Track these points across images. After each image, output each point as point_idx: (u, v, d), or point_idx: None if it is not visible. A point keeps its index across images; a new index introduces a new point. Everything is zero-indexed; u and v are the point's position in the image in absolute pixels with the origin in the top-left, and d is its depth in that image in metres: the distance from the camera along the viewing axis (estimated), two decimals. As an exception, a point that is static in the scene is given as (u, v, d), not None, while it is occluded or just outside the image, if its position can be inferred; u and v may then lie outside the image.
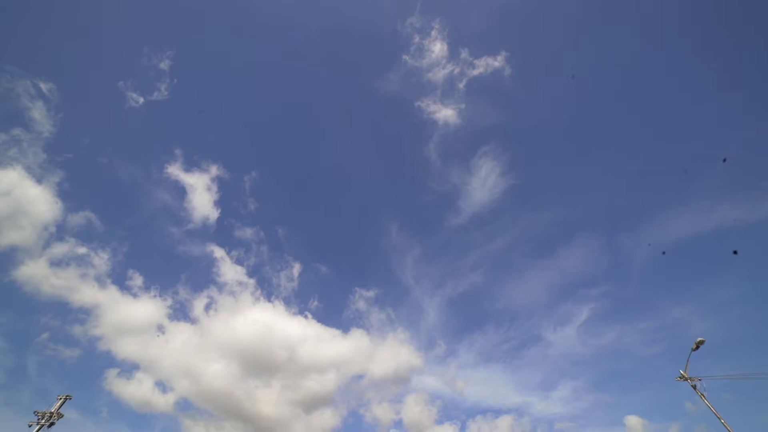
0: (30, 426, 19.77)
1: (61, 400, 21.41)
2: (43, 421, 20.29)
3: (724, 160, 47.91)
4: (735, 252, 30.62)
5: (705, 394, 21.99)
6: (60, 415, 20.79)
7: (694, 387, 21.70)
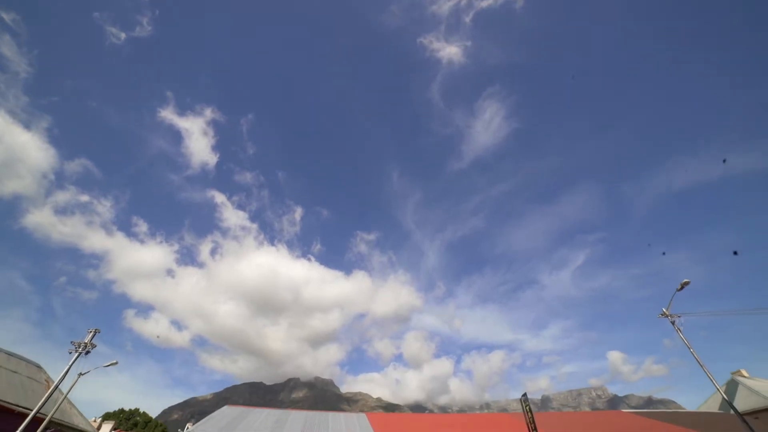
0: (70, 353, 21.79)
1: (92, 333, 23.23)
2: (81, 349, 22.30)
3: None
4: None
5: (681, 329, 24.05)
6: (93, 346, 22.70)
7: (673, 323, 23.68)
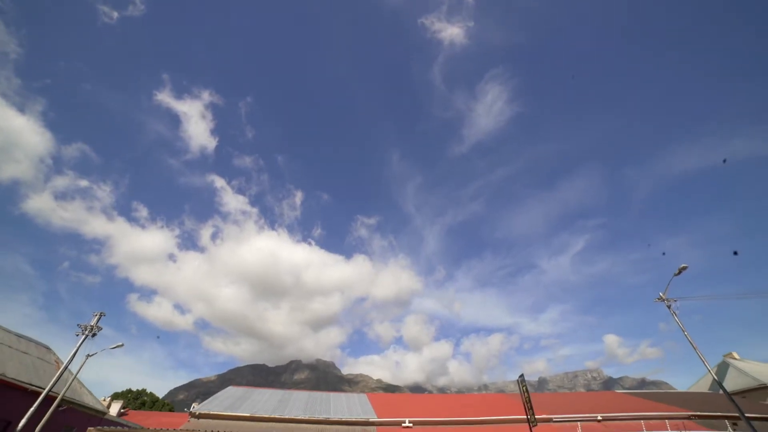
0: (77, 335, 22.29)
1: (97, 316, 23.67)
2: (87, 332, 22.80)
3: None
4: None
5: (677, 313, 24.56)
6: (99, 328, 23.18)
7: (669, 307, 24.12)
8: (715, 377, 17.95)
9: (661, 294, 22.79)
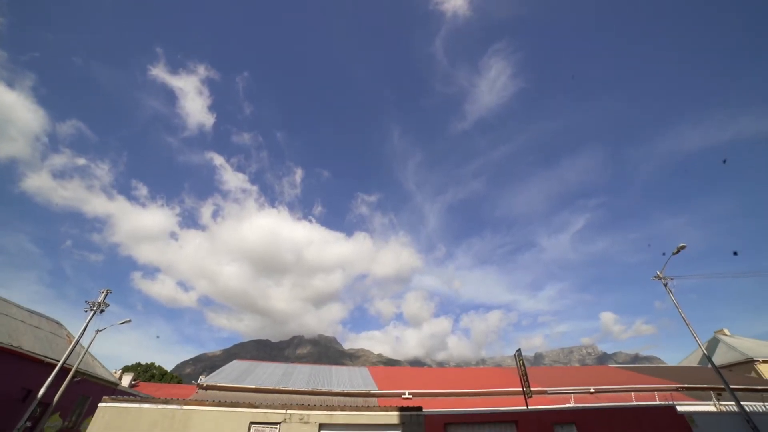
0: (85, 311, 22.95)
1: (104, 293, 24.28)
2: (96, 308, 23.44)
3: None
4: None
5: (673, 291, 25.16)
6: (106, 305, 23.86)
7: (665, 285, 24.63)
8: (705, 352, 18.60)
9: (658, 272, 23.24)
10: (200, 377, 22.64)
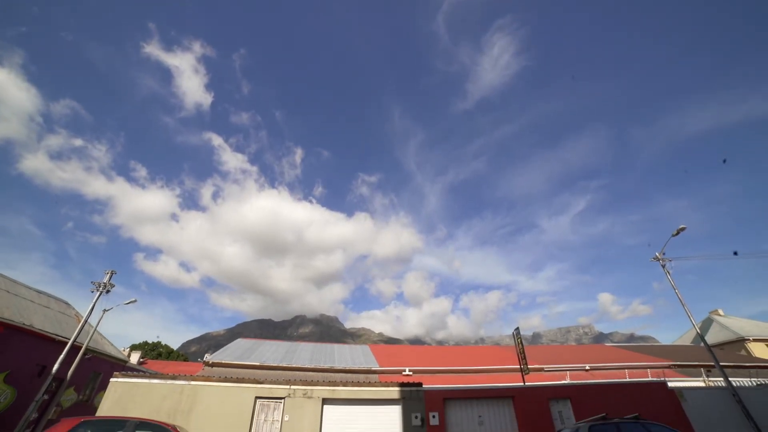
0: (92, 292, 23.40)
1: (109, 274, 24.70)
2: (102, 288, 23.90)
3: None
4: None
5: (671, 272, 25.50)
6: (112, 285, 24.32)
7: (663, 266, 24.92)
8: (698, 330, 19.04)
9: (657, 254, 23.47)
10: (206, 355, 23.31)
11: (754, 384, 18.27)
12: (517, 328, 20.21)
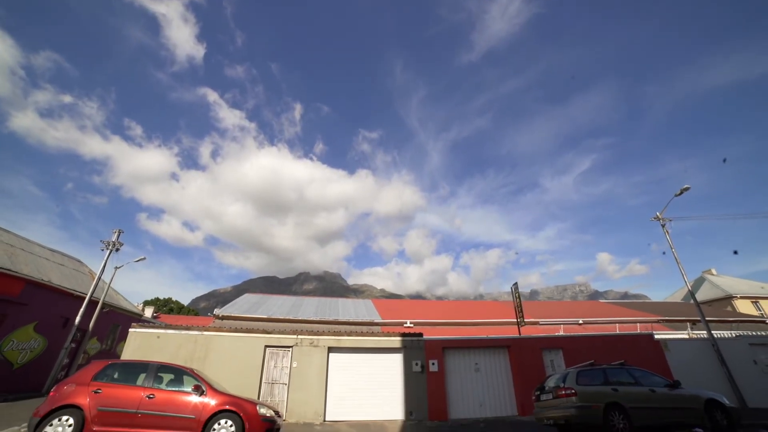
0: (102, 250, 24.10)
1: (116, 232, 25.27)
2: (112, 247, 24.58)
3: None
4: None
5: (670, 231, 25.76)
6: (120, 244, 25.02)
7: (663, 226, 25.13)
8: (689, 287, 19.72)
9: (657, 213, 23.59)
10: (215, 309, 24.49)
11: (733, 335, 19.41)
12: (516, 283, 20.95)
